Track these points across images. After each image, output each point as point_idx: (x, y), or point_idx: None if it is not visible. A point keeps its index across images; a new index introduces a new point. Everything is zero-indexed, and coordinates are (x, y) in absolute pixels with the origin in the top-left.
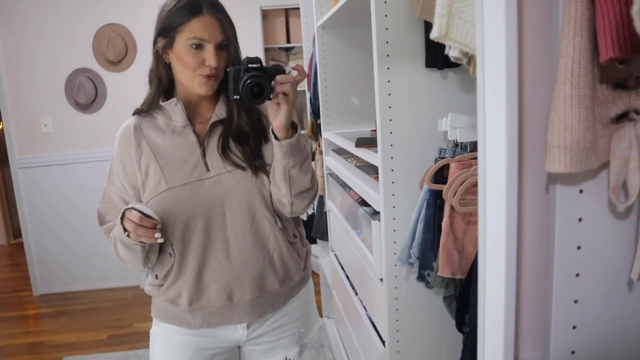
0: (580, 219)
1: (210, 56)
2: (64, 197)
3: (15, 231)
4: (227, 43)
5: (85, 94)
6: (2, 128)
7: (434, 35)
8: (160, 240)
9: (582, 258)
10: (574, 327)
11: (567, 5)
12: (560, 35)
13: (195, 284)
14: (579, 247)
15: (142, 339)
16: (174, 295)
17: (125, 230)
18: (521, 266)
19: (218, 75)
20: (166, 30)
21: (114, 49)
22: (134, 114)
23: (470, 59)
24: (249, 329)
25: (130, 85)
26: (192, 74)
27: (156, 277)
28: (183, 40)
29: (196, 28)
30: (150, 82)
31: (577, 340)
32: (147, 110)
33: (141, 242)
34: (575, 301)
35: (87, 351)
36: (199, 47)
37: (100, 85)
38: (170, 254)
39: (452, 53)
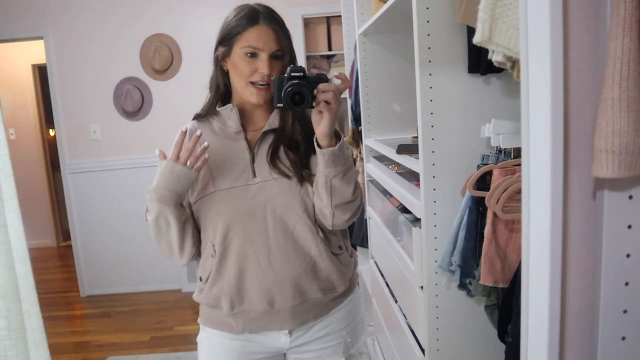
0: (629, 226)
1: (263, 64)
2: (111, 201)
3: (64, 234)
4: (282, 54)
5: (132, 102)
6: (55, 135)
7: (477, 39)
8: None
9: (631, 266)
10: (623, 339)
11: (615, 6)
12: (608, 37)
13: (236, 287)
14: (628, 255)
15: (183, 342)
16: (215, 298)
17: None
18: (566, 275)
19: (270, 85)
20: (225, 39)
21: (160, 58)
22: (193, 119)
23: (514, 63)
24: (292, 336)
25: (175, 93)
26: (245, 82)
27: (200, 279)
28: (239, 49)
29: (252, 37)
30: (210, 88)
31: (626, 352)
32: (205, 115)
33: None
34: (625, 311)
35: (129, 352)
36: (253, 55)
37: (147, 94)
38: (212, 254)
39: (496, 57)
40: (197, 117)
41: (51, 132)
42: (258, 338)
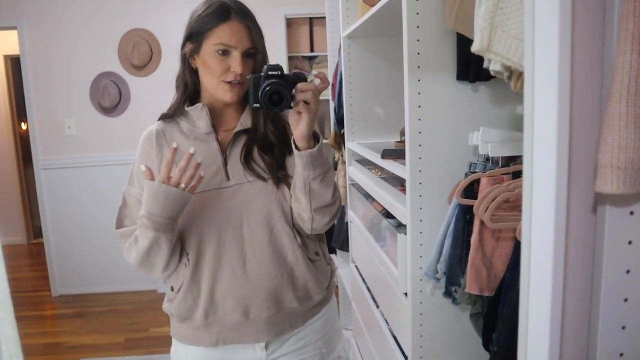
0: (630, 242)
1: (235, 62)
2: (85, 198)
3: (35, 231)
4: (254, 51)
5: (110, 98)
6: (27, 129)
7: (475, 48)
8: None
9: (631, 282)
10: (621, 355)
11: (623, 20)
12: (616, 52)
13: (210, 296)
14: (628, 271)
15: (158, 344)
16: (188, 309)
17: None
18: (566, 289)
19: (243, 83)
20: (194, 35)
21: (139, 53)
22: (159, 119)
23: (512, 73)
24: (268, 350)
25: (154, 90)
26: (216, 80)
27: (172, 289)
28: (210, 46)
29: (223, 34)
30: (176, 87)
31: None
32: (172, 115)
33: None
34: (623, 327)
35: (103, 354)
36: (225, 53)
37: (125, 89)
38: (185, 264)
39: (493, 67)
40: (164, 118)
41: (23, 126)
42: (233, 352)
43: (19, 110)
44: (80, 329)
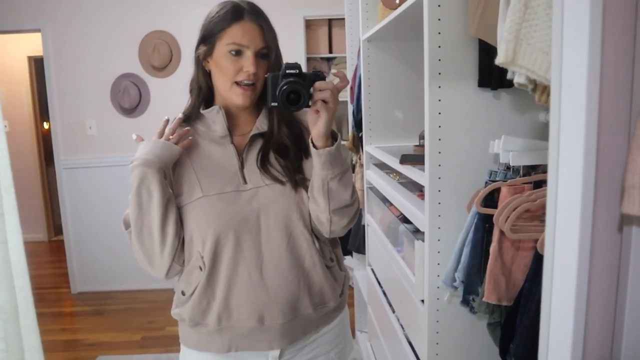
0: None
1: (248, 62)
2: (105, 198)
3: (56, 228)
4: (268, 51)
5: (130, 99)
6: (50, 128)
7: (499, 60)
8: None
9: None
10: None
11: None
12: None
13: (225, 301)
14: None
15: (174, 343)
16: (202, 313)
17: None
18: (589, 308)
19: (256, 85)
20: (207, 37)
21: (159, 55)
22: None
23: (537, 85)
24: (281, 359)
25: (174, 91)
26: (229, 83)
27: (182, 293)
28: (223, 46)
29: (236, 33)
30: (191, 91)
31: None
32: (186, 120)
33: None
34: None
35: (121, 351)
36: (238, 53)
37: (145, 91)
38: (200, 267)
39: (518, 79)
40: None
41: (45, 126)
42: None
43: (42, 111)
44: (98, 327)
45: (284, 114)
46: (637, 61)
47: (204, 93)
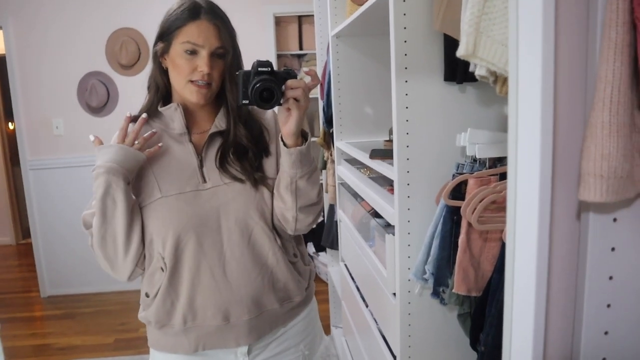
0: (613, 249)
1: (202, 62)
2: (74, 199)
3: (24, 232)
4: (224, 52)
5: (97, 97)
6: (15, 128)
7: (460, 53)
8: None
9: (614, 288)
10: (604, 359)
11: (606, 29)
12: (599, 60)
13: (189, 301)
14: (610, 277)
15: (147, 345)
16: (166, 314)
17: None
18: (550, 296)
19: (211, 84)
20: (164, 34)
21: (127, 53)
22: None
23: (497, 78)
24: (250, 355)
25: (142, 89)
26: (184, 81)
27: (147, 295)
28: (178, 45)
29: (191, 32)
30: (148, 87)
31: None
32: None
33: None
34: (606, 332)
35: (93, 355)
36: (193, 52)
37: (112, 89)
38: (161, 268)
39: (479, 71)
40: (134, 120)
41: (10, 126)
42: (213, 359)
43: (6, 110)
44: (69, 330)
45: (242, 113)
46: (590, 52)
47: (161, 90)
